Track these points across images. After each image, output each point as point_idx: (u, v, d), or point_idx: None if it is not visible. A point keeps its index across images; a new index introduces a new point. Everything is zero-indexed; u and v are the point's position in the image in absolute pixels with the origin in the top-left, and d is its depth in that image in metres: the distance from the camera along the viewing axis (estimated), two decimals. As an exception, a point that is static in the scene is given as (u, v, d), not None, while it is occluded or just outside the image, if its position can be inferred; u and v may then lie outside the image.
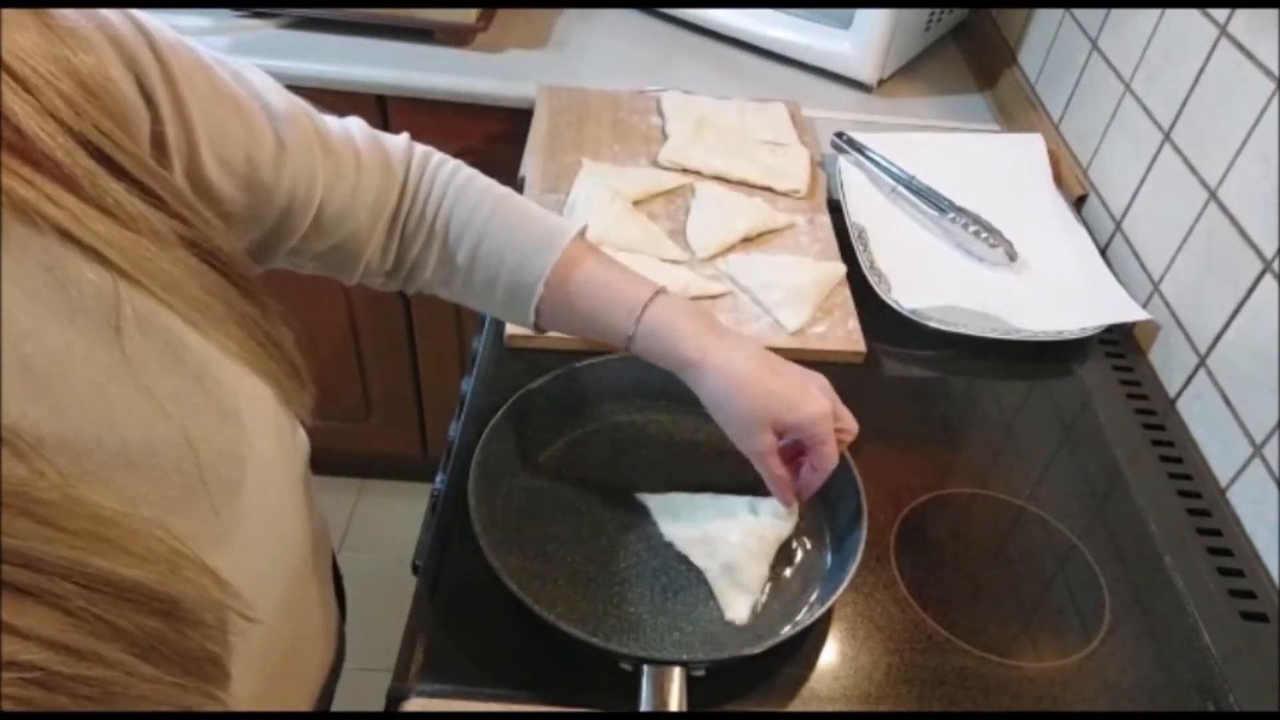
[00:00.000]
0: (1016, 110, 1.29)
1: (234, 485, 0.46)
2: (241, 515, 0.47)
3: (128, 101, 0.45)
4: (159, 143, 0.47)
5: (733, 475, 0.77)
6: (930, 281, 0.98)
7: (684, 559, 0.70)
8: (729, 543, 0.69)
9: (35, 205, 0.38)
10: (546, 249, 0.66)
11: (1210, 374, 0.86)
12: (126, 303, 0.42)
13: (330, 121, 0.62)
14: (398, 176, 0.65)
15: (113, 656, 0.37)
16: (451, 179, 0.67)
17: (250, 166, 0.54)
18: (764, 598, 0.69)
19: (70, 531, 0.36)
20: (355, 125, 0.64)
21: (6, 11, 0.39)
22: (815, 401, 0.66)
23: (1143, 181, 1.00)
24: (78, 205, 0.40)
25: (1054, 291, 0.99)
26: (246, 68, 0.56)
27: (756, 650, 0.62)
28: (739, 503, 0.73)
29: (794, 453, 0.69)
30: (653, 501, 0.74)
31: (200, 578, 0.41)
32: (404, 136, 0.68)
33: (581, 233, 0.68)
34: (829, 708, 0.64)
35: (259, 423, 0.49)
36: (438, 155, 0.68)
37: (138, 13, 0.47)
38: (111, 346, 0.41)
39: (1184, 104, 0.94)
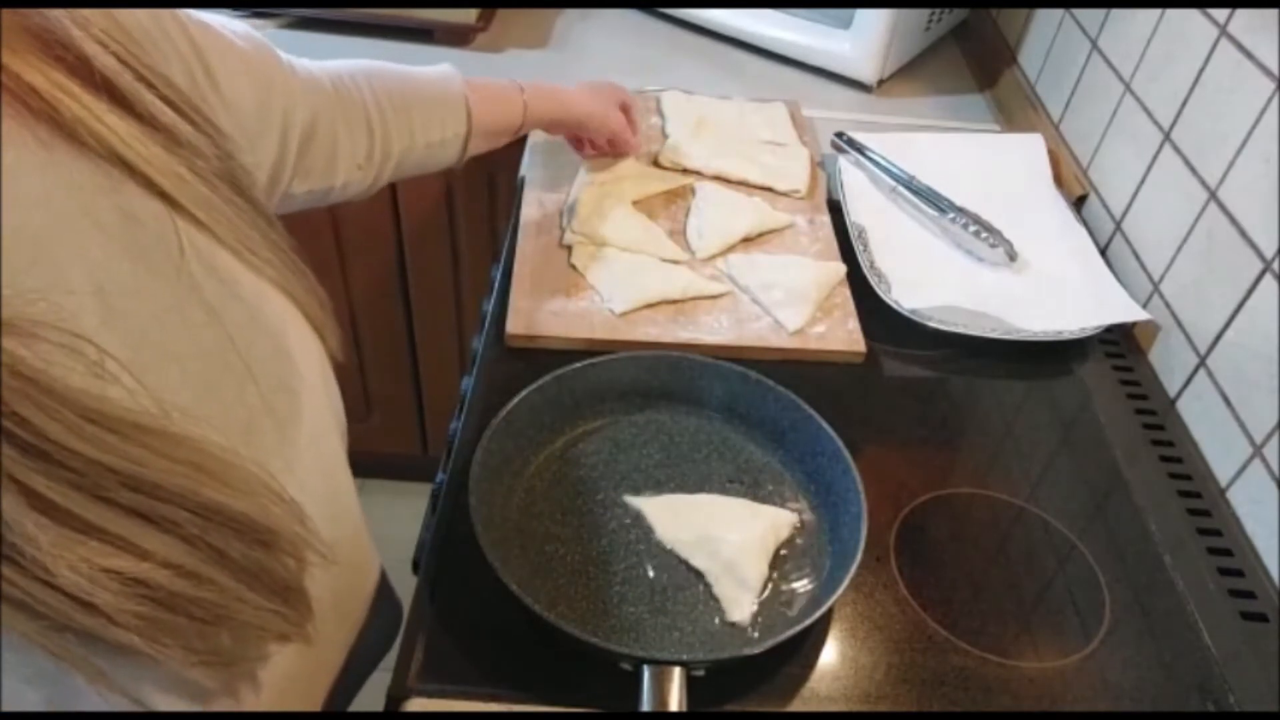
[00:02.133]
0: (1016, 110, 1.29)
1: (291, 419, 0.48)
2: (298, 450, 0.48)
3: (155, 42, 0.49)
4: (185, 76, 0.52)
5: (733, 475, 0.77)
6: (930, 281, 0.98)
7: (684, 561, 0.70)
8: (729, 542, 0.69)
9: (88, 123, 0.40)
10: (449, 75, 0.84)
11: (1210, 374, 0.86)
12: (185, 237, 0.44)
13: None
14: (326, 82, 0.73)
15: (224, 582, 0.39)
16: (354, 69, 0.77)
17: (253, 90, 0.60)
18: (764, 597, 0.69)
19: (181, 462, 0.38)
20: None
21: None
22: (619, 87, 1.04)
23: (1143, 181, 1.00)
24: (122, 124, 0.42)
25: (1054, 291, 0.99)
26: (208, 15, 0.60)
27: (756, 650, 0.62)
28: (737, 504, 0.73)
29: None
30: (650, 505, 0.74)
31: (288, 511, 0.43)
32: (304, 60, 0.74)
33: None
34: (829, 708, 0.64)
35: (307, 361, 0.51)
36: (331, 62, 0.76)
37: None
38: (174, 281, 0.43)
39: (1184, 104, 0.94)
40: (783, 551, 0.72)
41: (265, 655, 0.45)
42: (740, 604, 0.67)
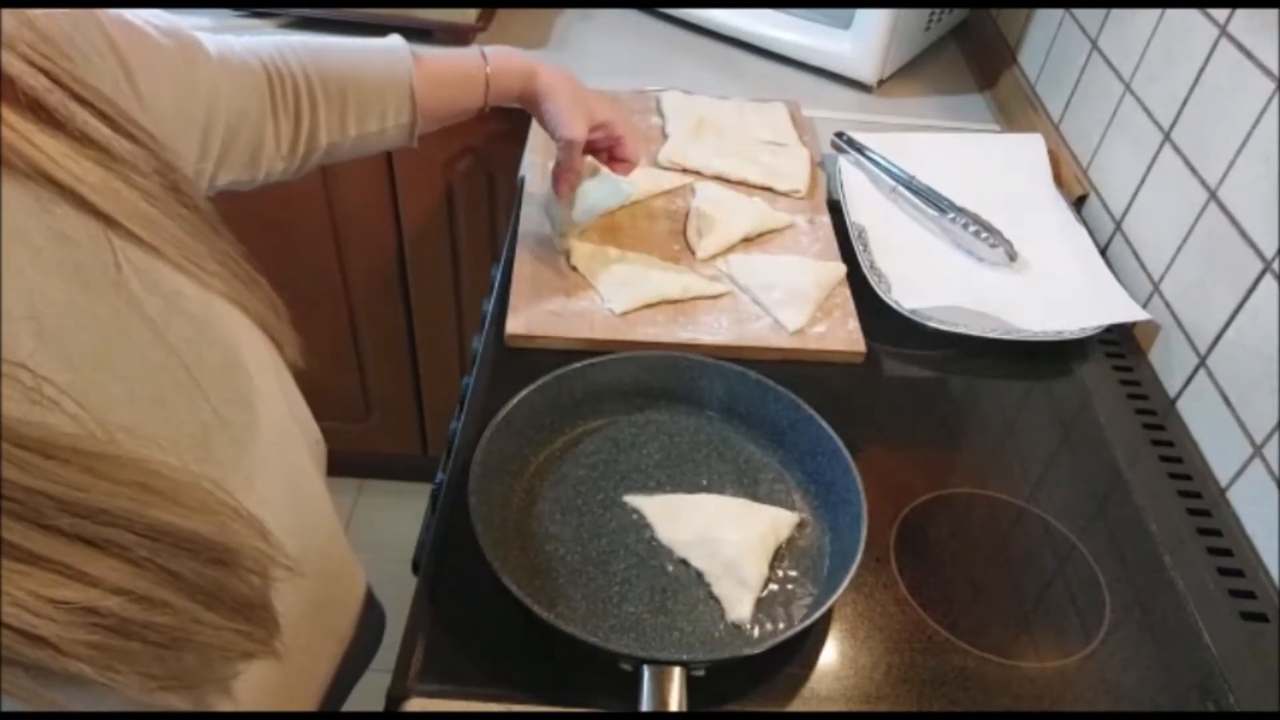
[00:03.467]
0: (1016, 110, 1.29)
1: (248, 431, 0.47)
2: (259, 463, 0.47)
3: (75, 44, 0.47)
4: (104, 77, 0.50)
5: (733, 475, 0.77)
6: (930, 281, 0.98)
7: (684, 561, 0.70)
8: (728, 542, 0.69)
9: (15, 146, 0.39)
10: (399, 57, 0.79)
11: (1210, 374, 0.86)
12: (121, 254, 0.42)
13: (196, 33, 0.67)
14: (255, 64, 0.71)
15: (178, 604, 0.38)
16: (294, 51, 0.74)
17: (173, 89, 0.58)
18: (764, 597, 0.69)
19: (126, 484, 0.37)
20: (206, 34, 0.69)
21: None
22: (615, 104, 0.90)
23: (1143, 181, 1.00)
24: (53, 144, 0.40)
25: (1054, 291, 0.99)
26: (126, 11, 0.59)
27: (756, 650, 0.62)
28: (737, 504, 0.73)
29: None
30: (650, 505, 0.74)
31: (246, 527, 0.42)
32: (227, 34, 0.73)
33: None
34: (829, 708, 0.64)
35: (261, 371, 0.50)
36: (268, 39, 0.74)
37: None
38: (113, 299, 0.42)
39: (1184, 104, 0.94)
40: (783, 551, 0.72)
41: (233, 675, 0.44)
42: (740, 603, 0.67)
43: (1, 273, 0.37)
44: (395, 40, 0.80)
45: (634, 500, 0.74)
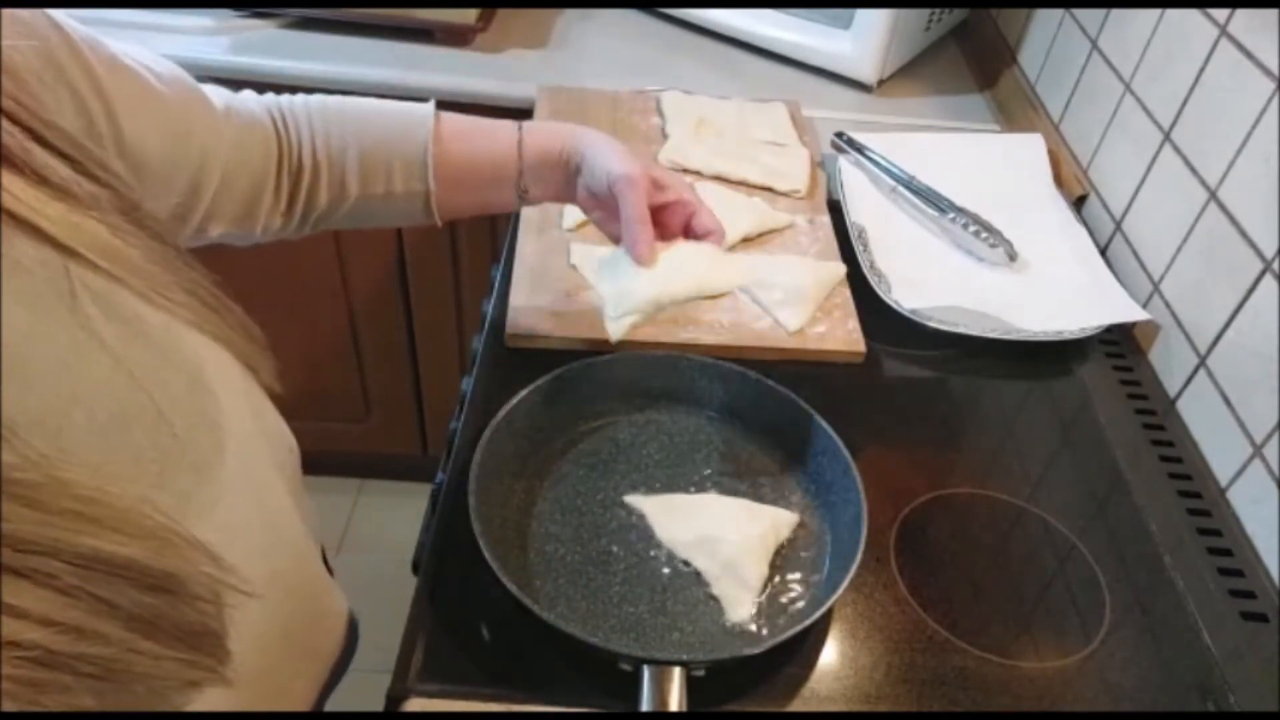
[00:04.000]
0: (1016, 110, 1.29)
1: (213, 454, 0.46)
2: (225, 485, 0.47)
3: (44, 82, 0.47)
4: (86, 120, 0.50)
5: (733, 475, 0.77)
6: (930, 281, 0.98)
7: (684, 561, 0.70)
8: (729, 542, 0.69)
9: None
10: (419, 120, 0.73)
11: (1210, 374, 0.86)
12: (78, 280, 0.42)
13: (201, 85, 0.66)
14: (267, 121, 0.70)
15: (113, 634, 0.37)
16: (307, 106, 0.72)
17: (163, 127, 0.57)
18: (764, 597, 0.69)
19: (56, 512, 0.36)
20: (214, 88, 0.68)
21: None
22: (675, 175, 0.79)
23: (1143, 181, 1.00)
24: (13, 181, 0.40)
25: (1054, 291, 0.99)
26: (123, 44, 0.58)
27: (756, 650, 0.62)
28: (737, 504, 0.73)
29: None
30: (650, 505, 0.74)
31: (192, 552, 0.41)
32: (248, 91, 0.72)
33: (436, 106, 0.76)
34: (829, 708, 0.64)
35: (230, 392, 0.49)
36: (285, 96, 0.73)
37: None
38: (71, 325, 0.41)
39: (1184, 104, 0.94)
40: (783, 551, 0.72)
41: (184, 703, 0.42)
42: (741, 604, 0.67)
43: None
44: (425, 106, 0.75)
45: (634, 500, 0.74)
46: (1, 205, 0.39)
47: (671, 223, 0.77)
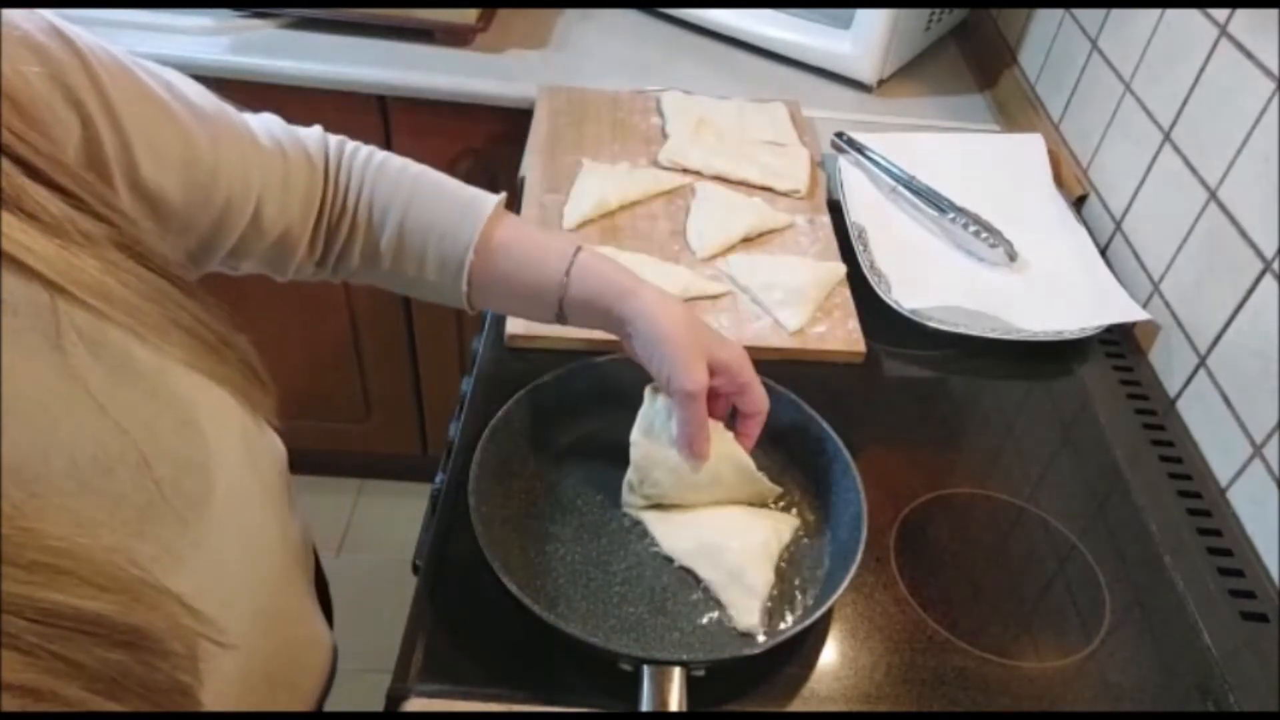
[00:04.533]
0: (1016, 110, 1.29)
1: (199, 497, 0.45)
2: (210, 527, 0.46)
3: (52, 110, 0.45)
4: (94, 151, 0.48)
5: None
6: (930, 281, 0.98)
7: (689, 571, 0.69)
8: (732, 550, 0.69)
9: None
10: (472, 217, 0.67)
11: (1210, 374, 0.86)
12: (65, 318, 0.41)
13: (251, 119, 0.63)
14: (319, 167, 0.66)
15: (72, 695, 0.35)
16: (367, 163, 0.67)
17: (186, 167, 0.54)
18: (771, 603, 0.68)
19: (22, 565, 0.34)
20: (273, 121, 0.65)
21: None
22: (736, 345, 0.68)
23: (1143, 181, 1.00)
24: (7, 219, 0.39)
25: (1054, 292, 0.99)
26: (166, 70, 0.56)
27: (756, 650, 0.62)
28: (737, 511, 0.73)
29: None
30: (650, 515, 0.73)
31: (167, 605, 0.40)
32: (317, 128, 0.68)
33: (501, 201, 0.69)
34: (829, 708, 0.64)
35: (222, 430, 0.48)
36: (352, 143, 0.69)
37: (61, 22, 0.48)
38: (55, 365, 0.40)
39: (1184, 104, 0.94)
40: (784, 552, 0.71)
41: None
42: (749, 611, 0.66)
43: None
44: (486, 199, 0.68)
45: (634, 511, 0.73)
46: None
47: (719, 405, 0.71)
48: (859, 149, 1.12)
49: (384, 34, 1.29)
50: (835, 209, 1.06)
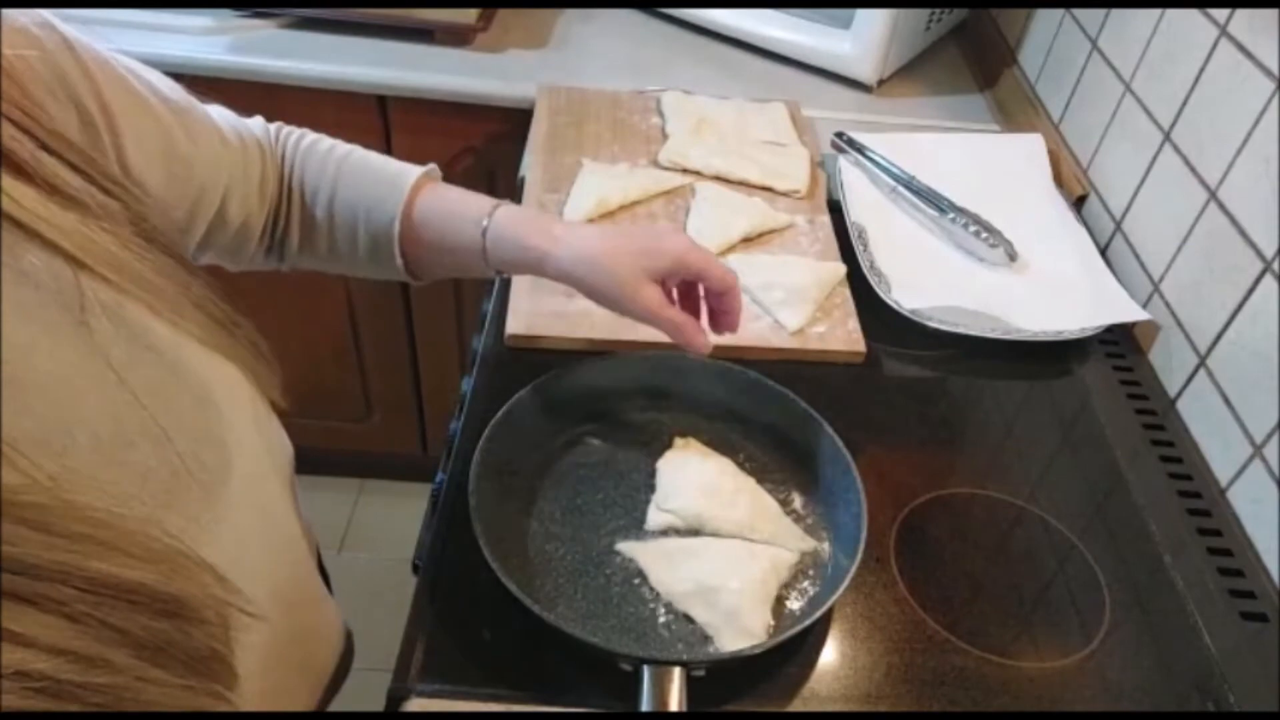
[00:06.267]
0: (1016, 110, 1.29)
1: (219, 472, 0.46)
2: (231, 503, 0.46)
3: (54, 98, 0.46)
4: (92, 140, 0.49)
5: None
6: (930, 281, 0.98)
7: (685, 615, 0.67)
8: (729, 590, 0.66)
9: None
10: (395, 190, 0.68)
11: (1210, 374, 0.86)
12: (89, 294, 0.41)
13: (210, 110, 0.64)
14: (268, 155, 0.68)
15: (120, 661, 0.36)
16: (298, 146, 0.69)
17: (166, 159, 0.56)
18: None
19: (65, 536, 0.35)
20: (226, 112, 0.66)
21: None
22: (674, 238, 0.68)
23: (1143, 181, 1.00)
24: (20, 188, 0.39)
25: (1054, 291, 0.99)
26: (138, 64, 0.57)
27: (756, 650, 0.62)
28: (734, 545, 0.70)
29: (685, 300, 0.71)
30: (644, 551, 0.70)
31: (200, 574, 0.41)
32: (258, 118, 0.70)
33: (428, 172, 0.71)
34: (829, 708, 0.64)
35: (236, 408, 0.49)
36: (287, 128, 0.71)
37: (53, 17, 0.49)
38: (78, 340, 0.41)
39: (1184, 104, 0.94)
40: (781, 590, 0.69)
41: None
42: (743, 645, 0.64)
43: None
44: (409, 172, 0.70)
45: (626, 547, 0.71)
46: (7, 213, 0.39)
47: (692, 302, 0.73)
48: (859, 149, 1.12)
49: (384, 34, 1.29)
50: (835, 209, 1.06)
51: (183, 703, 0.39)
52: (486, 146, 1.30)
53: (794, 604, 0.69)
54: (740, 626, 0.65)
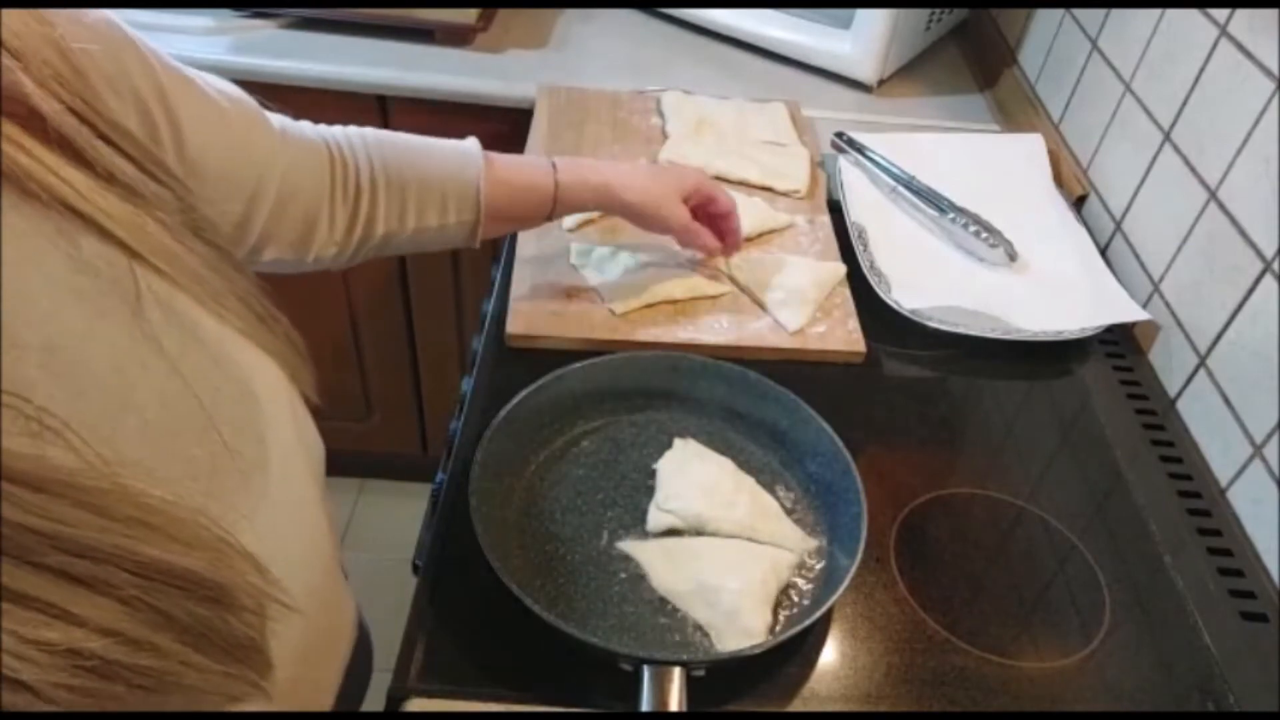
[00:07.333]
0: (1016, 110, 1.29)
1: (258, 464, 0.47)
2: (267, 495, 0.47)
3: (113, 85, 0.48)
4: (150, 131, 0.51)
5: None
6: (930, 281, 0.98)
7: (684, 614, 0.67)
8: (729, 591, 0.66)
9: (39, 177, 0.39)
10: (470, 157, 0.78)
11: (1210, 374, 0.86)
12: (144, 283, 0.42)
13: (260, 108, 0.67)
14: (324, 148, 0.70)
15: (166, 645, 0.37)
16: (362, 137, 0.74)
17: (224, 148, 0.58)
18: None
19: (120, 520, 0.36)
20: (273, 113, 0.68)
21: None
22: (690, 169, 0.93)
23: (1143, 181, 1.00)
24: (79, 177, 0.40)
25: (1054, 291, 0.99)
26: (187, 67, 0.59)
27: (756, 650, 0.62)
28: (734, 546, 0.71)
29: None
30: (643, 550, 0.71)
31: (242, 563, 0.41)
32: (305, 122, 0.72)
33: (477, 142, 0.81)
34: (829, 708, 0.64)
35: (275, 402, 0.49)
36: (341, 127, 0.74)
37: (115, 17, 0.50)
38: (131, 328, 0.42)
39: (1184, 104, 0.94)
40: (781, 592, 0.69)
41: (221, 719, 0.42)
42: (744, 645, 0.64)
43: (2, 299, 0.37)
44: (470, 142, 0.79)
45: (627, 548, 0.71)
46: (67, 201, 0.40)
47: (698, 215, 0.90)
48: (859, 149, 1.12)
49: (384, 34, 1.29)
50: (835, 209, 1.06)
51: (221, 688, 0.40)
52: (487, 146, 1.29)
53: (794, 604, 0.69)
54: (740, 626, 0.65)
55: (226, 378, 0.46)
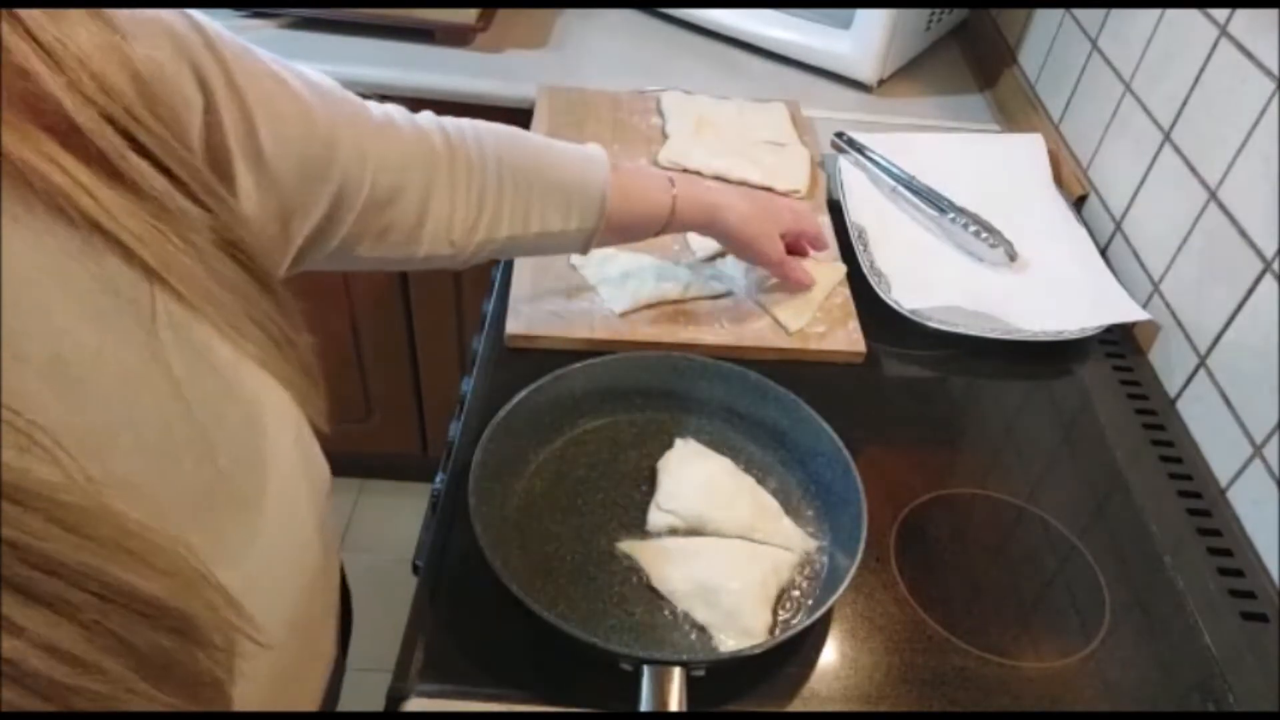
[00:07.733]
0: (1016, 110, 1.29)
1: (253, 496, 0.46)
2: (260, 529, 0.46)
3: (180, 89, 0.47)
4: (215, 130, 0.50)
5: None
6: (930, 281, 0.98)
7: (685, 614, 0.67)
8: (730, 591, 0.66)
9: (74, 198, 0.38)
10: (595, 163, 0.76)
11: (1210, 374, 0.86)
12: (160, 305, 0.42)
13: (369, 102, 0.66)
14: (436, 142, 0.68)
15: (114, 671, 0.35)
16: (493, 131, 0.72)
17: (304, 144, 0.57)
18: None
19: (94, 539, 0.35)
20: (390, 105, 0.68)
21: None
22: (786, 204, 0.94)
23: (1143, 181, 1.00)
24: (112, 196, 0.40)
25: (1054, 291, 0.99)
26: (279, 58, 0.58)
27: (756, 650, 0.62)
28: (734, 545, 0.71)
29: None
30: (643, 550, 0.71)
31: (215, 596, 0.40)
32: (427, 113, 0.71)
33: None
34: (829, 708, 0.64)
35: (281, 432, 0.49)
36: (467, 120, 0.73)
37: (196, 14, 0.50)
38: (142, 348, 0.41)
39: (1184, 104, 0.94)
40: (781, 593, 0.69)
41: None
42: (744, 644, 0.64)
43: (14, 313, 0.36)
44: (594, 147, 0.78)
45: (627, 548, 0.71)
46: (92, 217, 0.39)
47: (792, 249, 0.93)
48: (859, 149, 1.12)
49: (384, 34, 1.29)
50: (835, 209, 1.06)
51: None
52: (486, 146, 1.29)
53: (794, 604, 0.69)
54: (740, 626, 0.65)
55: (233, 405, 0.45)
